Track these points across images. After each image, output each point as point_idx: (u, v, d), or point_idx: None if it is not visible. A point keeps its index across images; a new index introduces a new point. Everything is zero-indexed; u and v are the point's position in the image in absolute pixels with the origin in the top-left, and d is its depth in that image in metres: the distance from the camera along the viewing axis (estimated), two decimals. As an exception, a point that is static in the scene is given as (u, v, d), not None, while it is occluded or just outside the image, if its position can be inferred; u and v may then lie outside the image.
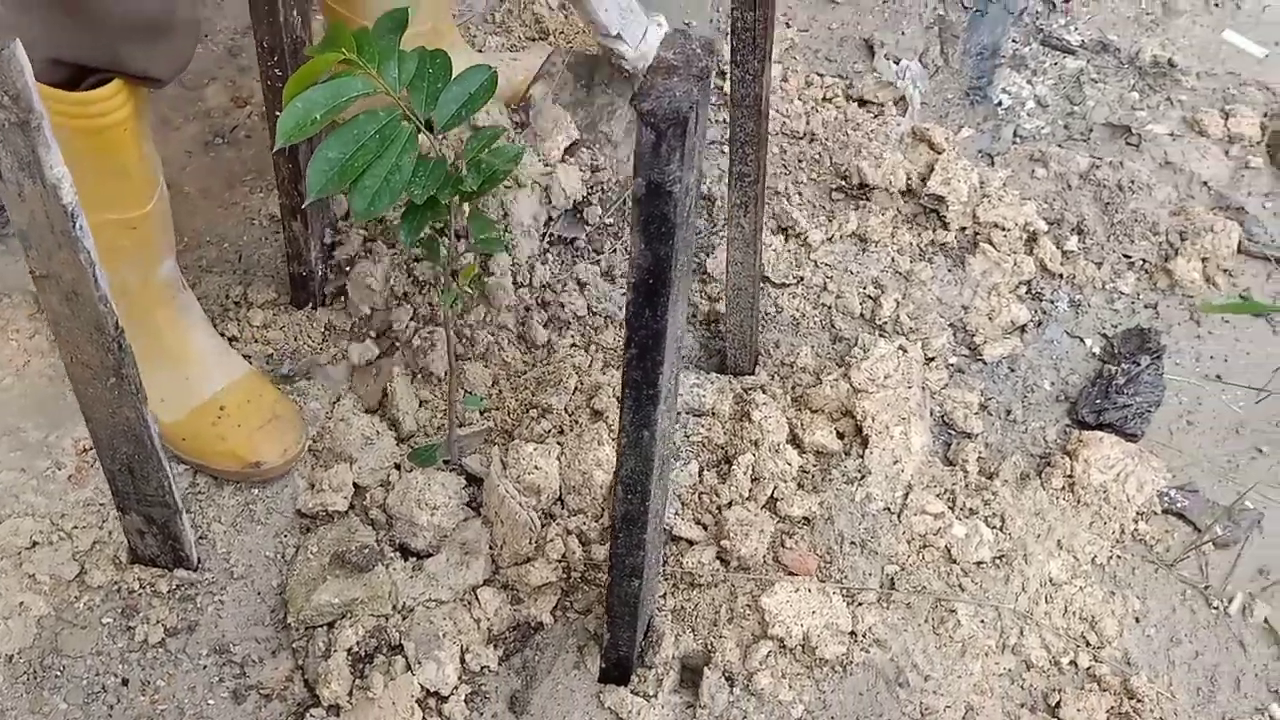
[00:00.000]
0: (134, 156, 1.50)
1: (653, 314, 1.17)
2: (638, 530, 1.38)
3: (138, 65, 1.41)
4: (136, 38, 1.39)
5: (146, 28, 1.39)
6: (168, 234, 1.64)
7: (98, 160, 1.48)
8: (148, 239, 1.61)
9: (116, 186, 1.53)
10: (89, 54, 1.38)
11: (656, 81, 1.04)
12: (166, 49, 1.42)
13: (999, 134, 2.16)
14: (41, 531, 1.66)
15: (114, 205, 1.55)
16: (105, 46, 1.39)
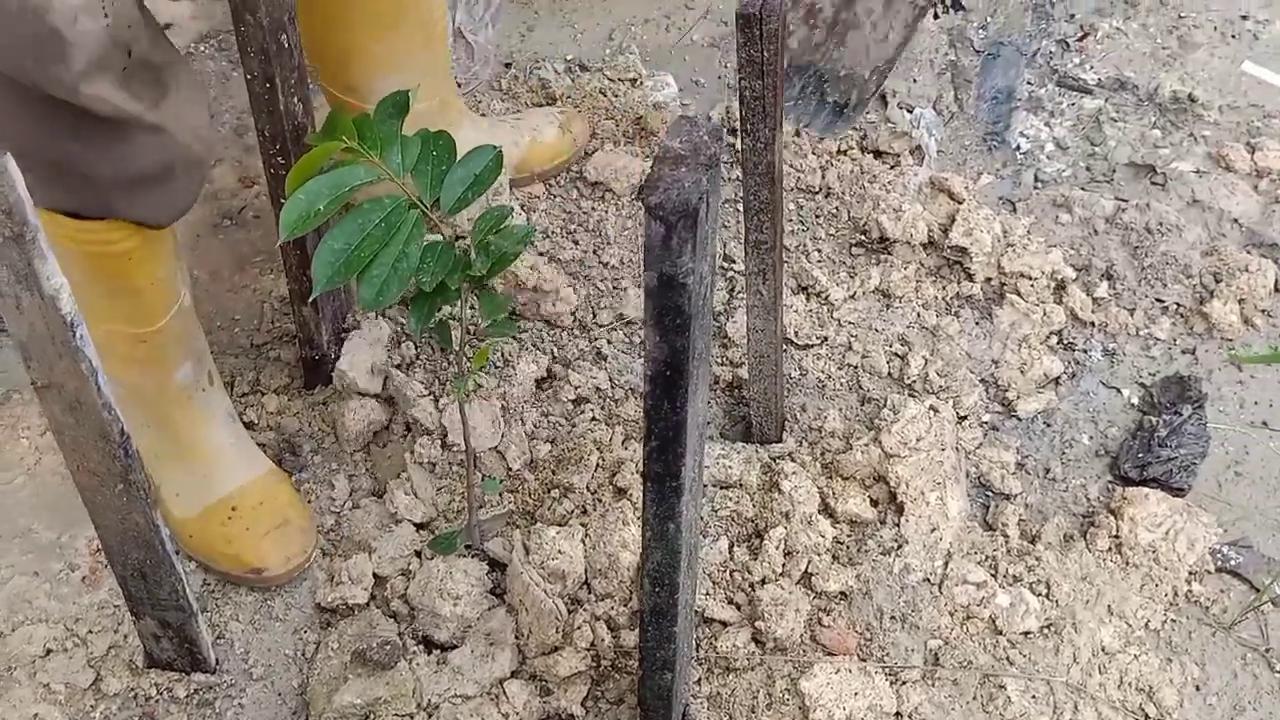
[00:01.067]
0: (143, 280, 1.47)
1: (671, 406, 1.12)
2: (667, 623, 1.32)
3: (135, 214, 1.37)
4: (131, 190, 1.35)
5: (142, 180, 1.35)
6: (186, 344, 1.59)
7: (102, 280, 1.45)
8: (161, 351, 1.57)
9: (125, 304, 1.49)
10: (84, 207, 1.35)
11: (664, 172, 1.00)
12: (164, 196, 1.38)
13: (1019, 179, 2.11)
14: (55, 638, 1.62)
15: (122, 320, 1.51)
16: (99, 200, 1.35)
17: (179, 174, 1.38)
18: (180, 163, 1.37)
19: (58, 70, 1.21)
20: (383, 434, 1.81)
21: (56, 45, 1.20)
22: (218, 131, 1.43)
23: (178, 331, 1.55)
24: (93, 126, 1.28)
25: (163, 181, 1.37)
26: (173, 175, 1.37)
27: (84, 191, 1.34)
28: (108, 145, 1.31)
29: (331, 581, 1.66)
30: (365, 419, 1.78)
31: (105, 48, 1.23)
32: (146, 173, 1.35)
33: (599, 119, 2.17)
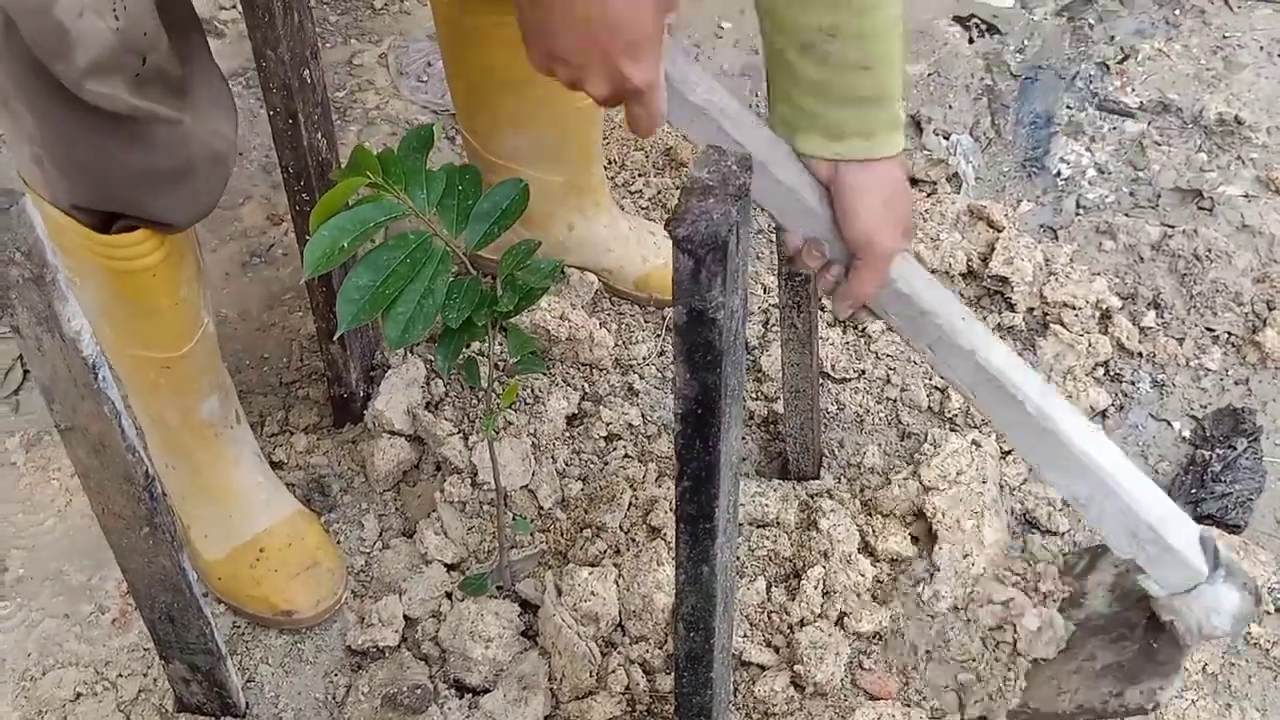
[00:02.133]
0: (167, 301, 1.45)
1: (704, 445, 1.08)
2: (703, 669, 1.28)
3: (156, 213, 1.36)
4: (150, 188, 1.33)
5: (160, 178, 1.33)
6: (210, 375, 1.58)
7: (128, 301, 1.44)
8: (186, 379, 1.55)
9: (149, 327, 1.48)
10: (101, 201, 1.34)
11: (692, 204, 0.97)
12: (184, 195, 1.36)
13: (1060, 206, 2.06)
14: (85, 682, 1.60)
15: (147, 344, 1.50)
16: (122, 199, 1.34)
17: (200, 171, 1.35)
18: (201, 160, 1.34)
19: (62, 65, 1.20)
20: (412, 473, 1.78)
21: (60, 39, 1.18)
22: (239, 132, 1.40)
23: (202, 360, 1.54)
24: (109, 122, 1.26)
25: (183, 179, 1.34)
26: (194, 173, 1.34)
27: (101, 187, 1.32)
28: (125, 141, 1.28)
29: (362, 623, 1.63)
30: (395, 458, 1.75)
31: (114, 50, 1.21)
32: (166, 169, 1.32)
33: (628, 150, 2.15)
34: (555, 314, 1.84)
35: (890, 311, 1.28)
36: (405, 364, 1.79)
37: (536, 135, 1.75)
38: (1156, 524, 1.25)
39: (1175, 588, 1.27)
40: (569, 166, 1.81)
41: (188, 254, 1.46)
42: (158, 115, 1.28)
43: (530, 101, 1.71)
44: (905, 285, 1.26)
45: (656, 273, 1.91)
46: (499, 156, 1.78)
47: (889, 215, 1.22)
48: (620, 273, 1.91)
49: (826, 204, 1.24)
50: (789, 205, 1.26)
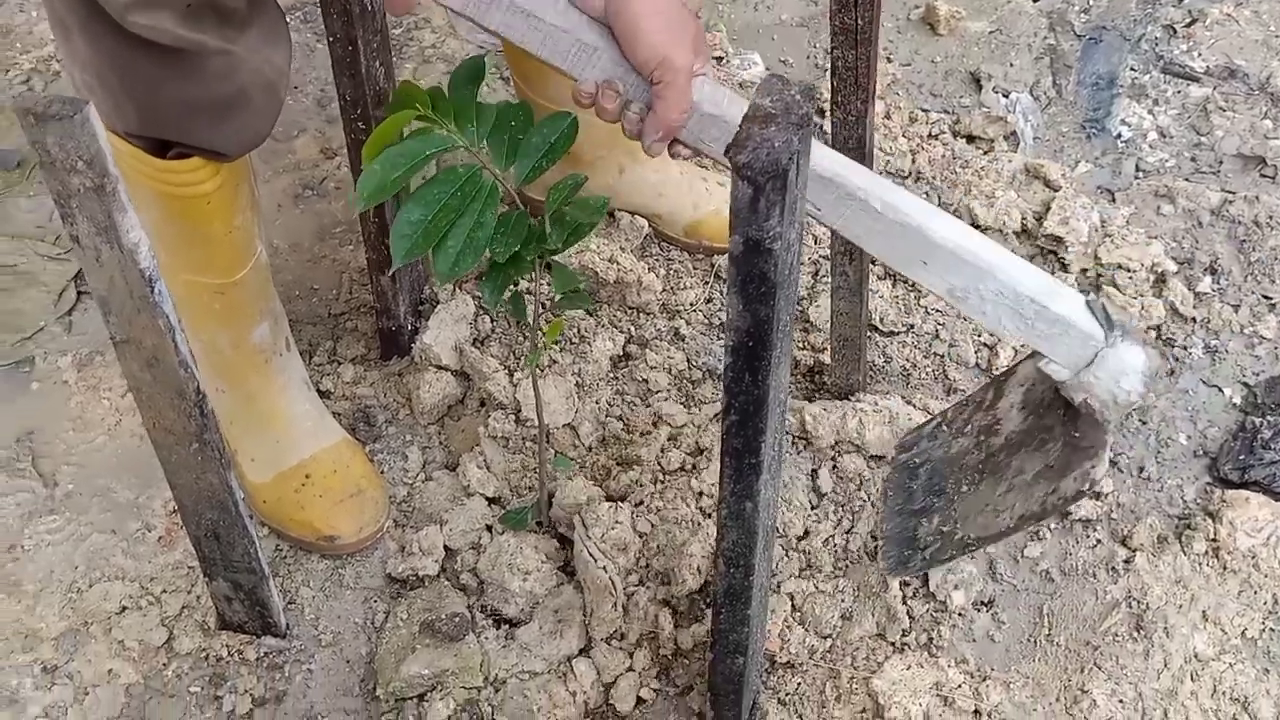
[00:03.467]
0: (220, 228, 1.46)
1: (753, 379, 1.08)
2: (741, 606, 1.29)
3: (208, 141, 1.36)
4: (201, 118, 1.34)
5: (210, 108, 1.34)
6: (263, 301, 1.59)
7: (182, 227, 1.45)
8: (238, 305, 1.57)
9: (203, 253, 1.49)
10: (154, 129, 1.35)
11: (753, 131, 0.96)
12: (235, 125, 1.36)
13: (1119, 169, 2.03)
14: (131, 596, 1.63)
15: (201, 270, 1.51)
16: (174, 127, 1.35)
17: (253, 101, 1.35)
18: (254, 89, 1.35)
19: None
20: (457, 407, 1.79)
21: None
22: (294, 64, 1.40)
23: (255, 287, 1.55)
24: (157, 52, 1.26)
25: (235, 109, 1.35)
26: (246, 102, 1.35)
27: (153, 114, 1.32)
28: (174, 71, 1.29)
29: (402, 552, 1.65)
30: (440, 392, 1.76)
31: None
32: (216, 99, 1.33)
33: (685, 98, 2.13)
34: (604, 256, 1.83)
35: (704, 139, 1.20)
36: (454, 300, 1.79)
37: None
38: (1038, 296, 1.18)
39: (1077, 362, 1.20)
40: None
41: (242, 183, 1.47)
42: (207, 46, 1.28)
43: None
44: (712, 107, 1.17)
45: (707, 220, 1.90)
46: (549, 99, 1.78)
47: (676, 32, 1.14)
48: (670, 218, 1.90)
49: (609, 38, 1.17)
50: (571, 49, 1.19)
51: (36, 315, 1.92)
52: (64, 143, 1.11)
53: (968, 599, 1.59)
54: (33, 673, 1.57)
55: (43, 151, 1.12)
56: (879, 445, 1.66)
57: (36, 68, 2.27)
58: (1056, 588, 1.61)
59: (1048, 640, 1.57)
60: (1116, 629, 1.56)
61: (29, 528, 1.70)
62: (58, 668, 1.57)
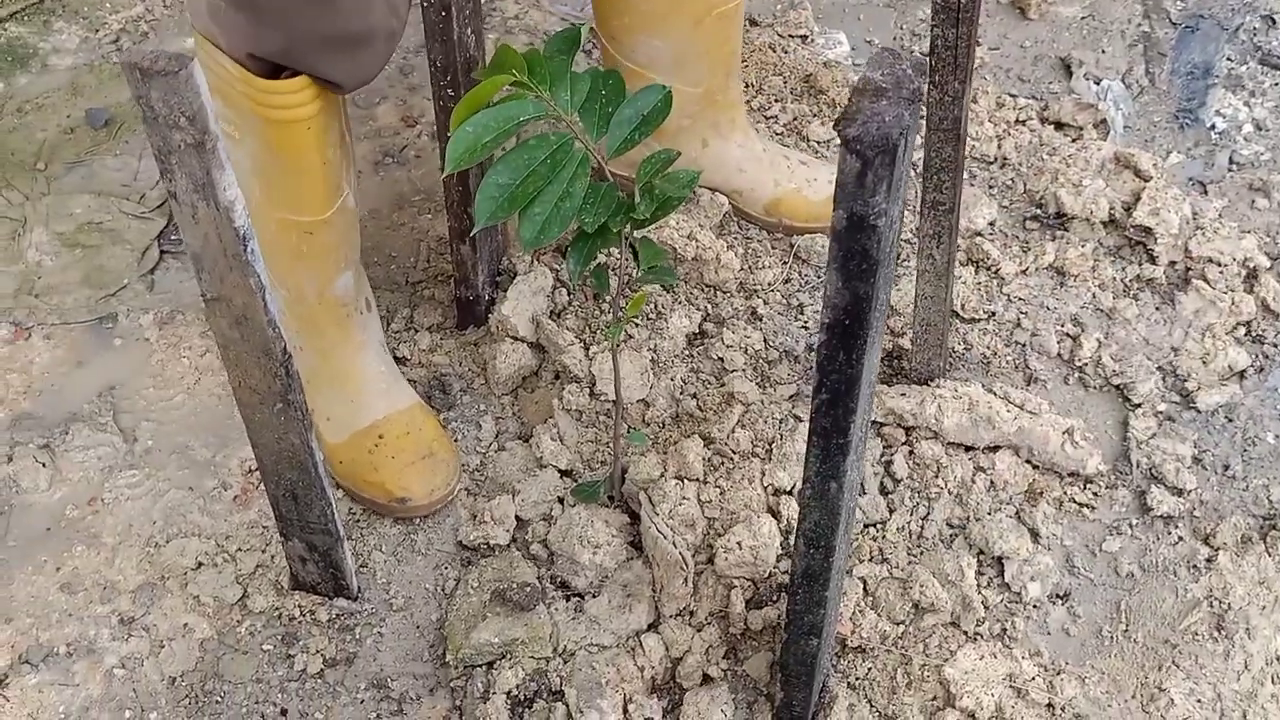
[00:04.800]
0: (315, 158, 1.49)
1: (847, 358, 1.07)
2: (819, 587, 1.27)
3: (326, 70, 1.41)
4: (330, 48, 1.39)
5: (340, 41, 1.39)
6: (347, 247, 1.61)
7: (279, 155, 1.48)
8: (326, 247, 1.58)
9: (297, 185, 1.52)
10: (280, 53, 1.39)
11: (863, 104, 0.95)
12: (358, 60, 1.42)
13: (1212, 160, 1.98)
14: (207, 553, 1.65)
15: (293, 206, 1.53)
16: (298, 51, 1.39)
17: (375, 41, 1.42)
18: (379, 30, 1.42)
19: None
20: (531, 379, 1.79)
21: None
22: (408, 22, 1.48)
23: (341, 230, 1.58)
24: None
25: (359, 46, 1.41)
26: (369, 41, 1.42)
27: (285, 39, 1.38)
28: (315, 1, 1.36)
29: (474, 520, 1.65)
30: (516, 363, 1.76)
31: None
32: (347, 33, 1.39)
33: (766, 75, 2.12)
34: (683, 233, 1.82)
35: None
36: (532, 271, 1.79)
37: (674, 40, 1.73)
38: None
39: None
40: (706, 77, 1.79)
41: (337, 117, 1.51)
42: None
43: (667, 2, 1.69)
44: None
45: (788, 198, 1.88)
46: (635, 63, 1.76)
47: None
48: (751, 195, 1.89)
49: None
50: None
51: (120, 273, 1.95)
52: (168, 98, 1.11)
53: (1043, 591, 1.57)
54: (110, 624, 1.59)
55: (147, 107, 1.13)
56: (957, 432, 1.64)
57: (125, 28, 2.30)
58: (1135, 584, 1.58)
59: (1125, 636, 1.54)
60: (1196, 628, 1.53)
61: (109, 482, 1.72)
62: (135, 620, 1.59)
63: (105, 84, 2.21)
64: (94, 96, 2.19)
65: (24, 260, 1.96)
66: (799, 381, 1.74)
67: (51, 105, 2.17)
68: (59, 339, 1.88)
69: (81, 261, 1.96)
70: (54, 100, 2.18)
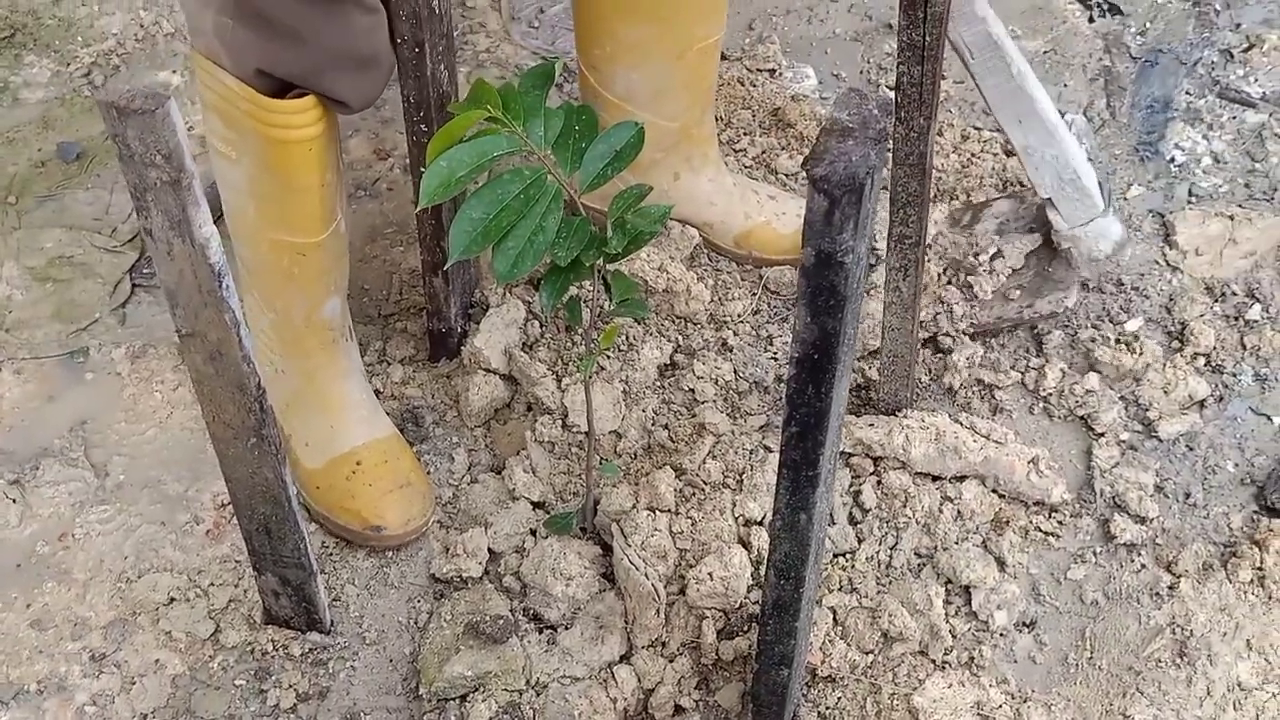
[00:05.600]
0: (314, 178, 1.50)
1: (816, 391, 1.09)
2: (790, 618, 1.29)
3: (336, 90, 1.43)
4: (341, 66, 1.42)
5: (350, 61, 1.42)
6: (338, 272, 1.63)
7: (279, 175, 1.49)
8: (318, 270, 1.59)
9: (293, 206, 1.53)
10: (292, 72, 1.41)
11: (831, 144, 0.97)
12: (366, 80, 1.45)
13: (1172, 193, 2.02)
14: (179, 588, 1.65)
15: (289, 227, 1.54)
16: (310, 70, 1.41)
17: (382, 63, 1.46)
18: (384, 53, 1.46)
19: None
20: (504, 411, 1.80)
21: None
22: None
23: (333, 254, 1.59)
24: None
25: (368, 67, 1.45)
26: (378, 62, 1.45)
27: (295, 56, 1.40)
28: (328, 17, 1.38)
29: (447, 553, 1.66)
30: (489, 395, 1.78)
31: None
32: (357, 53, 1.43)
33: (735, 109, 2.15)
34: (654, 265, 1.84)
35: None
36: (505, 304, 1.81)
37: (654, 73, 1.75)
38: (1079, 168, 1.68)
39: (1074, 220, 1.70)
40: (683, 112, 1.81)
41: (335, 139, 1.53)
42: (362, 2, 1.37)
43: (650, 34, 1.71)
44: None
45: (758, 230, 1.91)
46: (614, 95, 1.78)
47: None
48: (721, 227, 1.91)
49: None
50: None
51: (92, 306, 1.95)
52: (144, 137, 1.12)
53: (1010, 619, 1.59)
54: (81, 660, 1.58)
55: (123, 145, 1.14)
56: (924, 462, 1.67)
57: (97, 61, 2.30)
58: (1100, 611, 1.60)
59: (1089, 663, 1.57)
60: (1160, 655, 1.56)
61: (80, 517, 1.72)
62: (106, 656, 1.59)
63: (77, 118, 2.21)
64: (65, 130, 2.19)
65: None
66: (768, 412, 1.76)
67: (22, 139, 2.17)
68: (29, 373, 1.87)
69: (52, 295, 1.96)
70: (25, 134, 2.18)
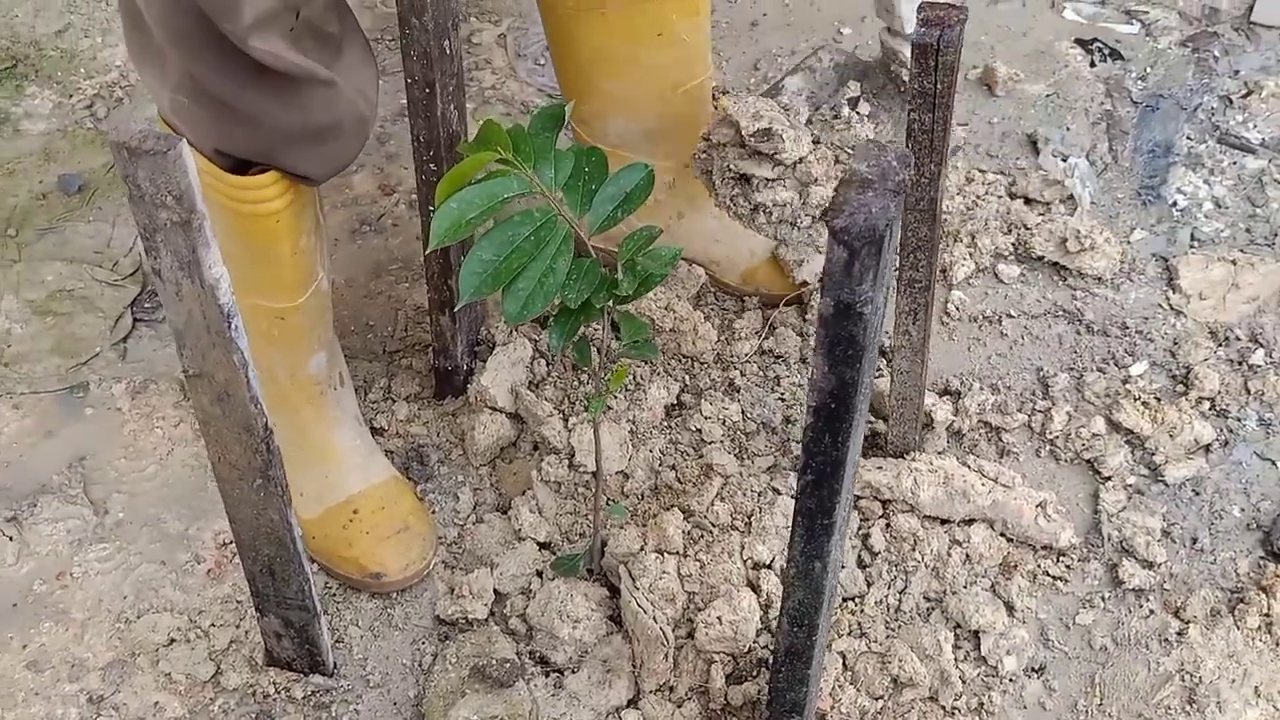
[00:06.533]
0: (286, 249, 1.49)
1: (833, 441, 1.08)
2: (802, 665, 1.28)
3: (294, 164, 1.40)
4: (297, 141, 1.38)
5: (308, 135, 1.38)
6: (321, 330, 1.61)
7: (250, 245, 1.47)
8: (298, 332, 1.58)
9: (267, 274, 1.51)
10: (248, 150, 1.38)
11: (850, 196, 0.97)
12: (326, 152, 1.41)
13: (1175, 237, 2.03)
14: (179, 628, 1.63)
15: (264, 293, 1.53)
16: (266, 149, 1.38)
17: (345, 131, 1.41)
18: (347, 120, 1.40)
19: (230, 24, 1.25)
20: (510, 450, 1.79)
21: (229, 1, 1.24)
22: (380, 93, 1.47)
23: (314, 314, 1.57)
24: (268, 77, 1.31)
25: (328, 137, 1.40)
26: (339, 131, 1.40)
27: (252, 137, 1.37)
28: (281, 96, 1.34)
29: (452, 594, 1.64)
30: (495, 434, 1.77)
31: (274, 5, 1.26)
32: (314, 127, 1.37)
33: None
34: (660, 304, 1.84)
35: None
36: (512, 342, 1.80)
37: (643, 119, 1.76)
38: None
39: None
40: (678, 152, 1.81)
41: (309, 205, 1.50)
42: (316, 75, 1.31)
43: (636, 83, 1.72)
44: None
45: (761, 267, 1.91)
46: (608, 144, 1.79)
47: None
48: (727, 264, 1.91)
49: None
50: None
51: (92, 341, 1.94)
52: (155, 178, 1.12)
53: (1019, 665, 1.58)
54: (79, 703, 1.56)
55: (133, 185, 1.14)
56: (933, 505, 1.66)
57: (100, 93, 2.30)
58: (1109, 657, 1.59)
59: (1099, 710, 1.55)
60: (1169, 701, 1.55)
61: (79, 555, 1.70)
62: (104, 698, 1.57)
63: (79, 150, 2.21)
64: (67, 162, 2.18)
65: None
66: (776, 454, 1.75)
67: (24, 170, 2.17)
68: (28, 408, 1.86)
69: (52, 329, 1.95)
70: (26, 165, 2.17)
